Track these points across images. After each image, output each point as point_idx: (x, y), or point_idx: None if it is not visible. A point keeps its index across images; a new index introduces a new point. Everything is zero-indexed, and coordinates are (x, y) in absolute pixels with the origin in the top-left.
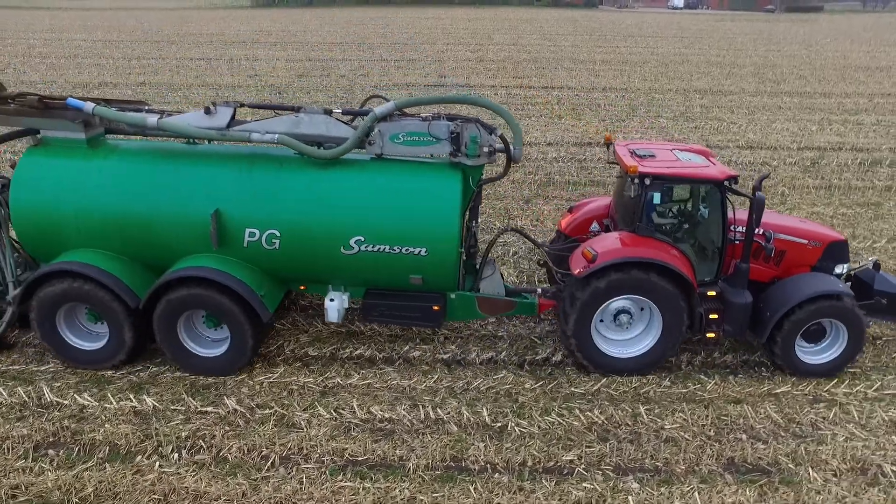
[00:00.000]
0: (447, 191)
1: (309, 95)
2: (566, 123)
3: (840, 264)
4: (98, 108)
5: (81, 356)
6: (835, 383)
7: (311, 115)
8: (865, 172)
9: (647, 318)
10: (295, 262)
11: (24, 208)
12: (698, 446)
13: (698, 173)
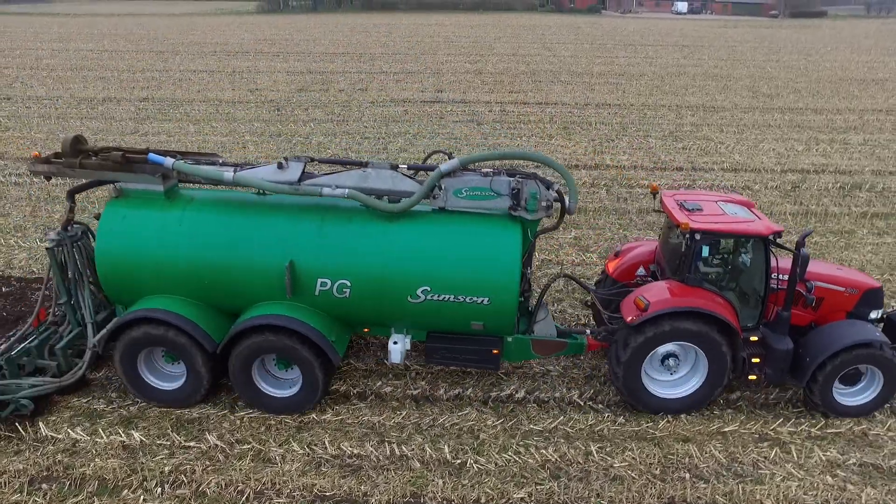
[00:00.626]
0: (508, 244)
1: (307, 112)
2: (556, 143)
3: (875, 310)
4: (177, 164)
5: (160, 395)
6: (781, 422)
7: (378, 169)
8: (844, 197)
9: (693, 361)
10: (364, 309)
11: (108, 256)
12: (643, 485)
13: (746, 229)
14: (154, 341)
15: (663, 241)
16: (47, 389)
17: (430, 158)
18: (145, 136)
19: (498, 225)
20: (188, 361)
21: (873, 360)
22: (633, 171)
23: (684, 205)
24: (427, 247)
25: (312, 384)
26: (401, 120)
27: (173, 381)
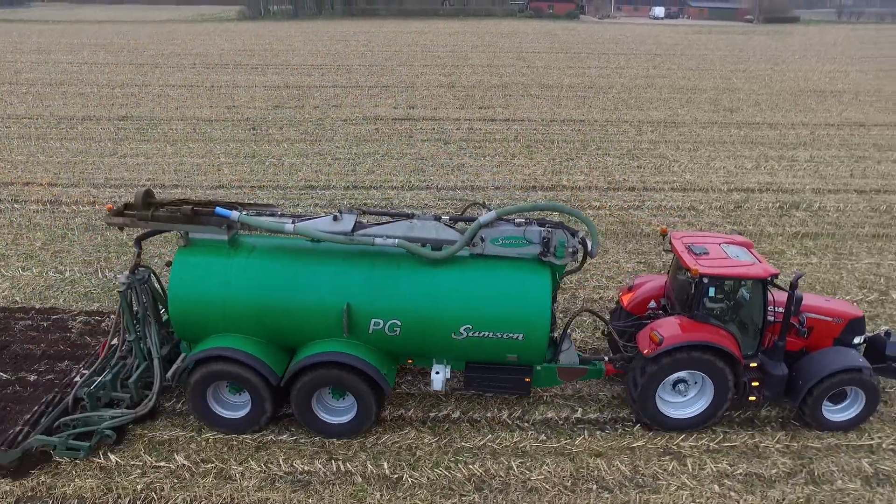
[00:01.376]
0: (540, 286)
1: (281, 132)
2: (518, 163)
3: (858, 336)
4: (242, 217)
5: (226, 423)
6: (684, 437)
7: (423, 220)
8: (781, 217)
9: (701, 386)
10: (412, 344)
11: (180, 300)
12: (555, 495)
13: (747, 273)
14: (225, 376)
15: (672, 277)
16: (126, 420)
17: (469, 210)
18: (123, 158)
19: (531, 269)
20: (253, 393)
21: (857, 382)
22: (586, 192)
23: (692, 248)
24: (469, 290)
25: (366, 412)
26: (371, 139)
27: (238, 410)
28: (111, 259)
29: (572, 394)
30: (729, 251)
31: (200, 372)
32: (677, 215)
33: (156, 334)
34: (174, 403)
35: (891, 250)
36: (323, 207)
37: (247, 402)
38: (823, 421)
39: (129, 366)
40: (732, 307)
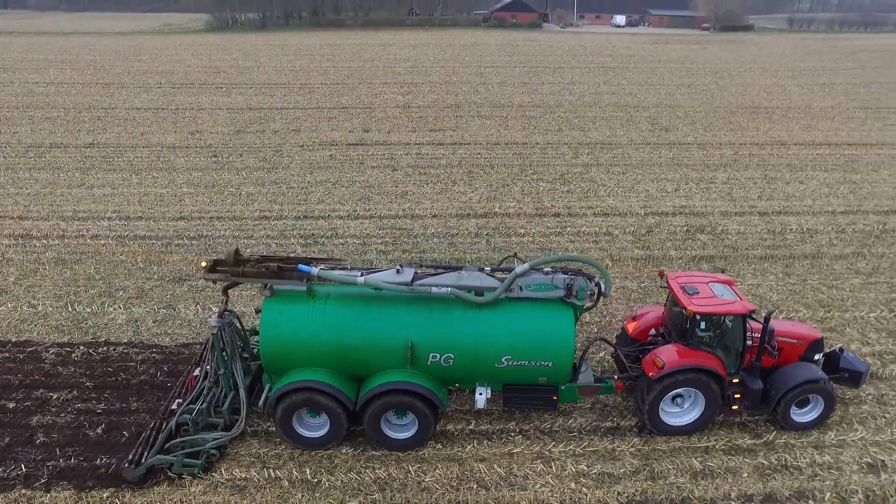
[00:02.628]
0: (566, 324)
1: (241, 159)
2: (457, 190)
3: (818, 353)
4: (321, 272)
5: (307, 442)
6: (555, 444)
7: (469, 271)
8: (686, 241)
9: (694, 399)
10: (462, 372)
11: (269, 341)
12: (442, 493)
13: (731, 310)
14: (309, 402)
15: (668, 309)
16: (225, 440)
17: (507, 261)
18: (91, 189)
19: (558, 310)
20: (332, 416)
21: (817, 391)
22: (515, 220)
23: (686, 288)
24: (509, 327)
25: (426, 428)
26: (325, 166)
27: (317, 430)
28: (80, 293)
29: (469, 408)
30: (715, 290)
31: (289, 400)
32: (593, 241)
33: (240, 368)
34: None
35: (773, 271)
36: (274, 238)
37: (325, 423)
38: (792, 423)
39: (217, 395)
40: (718, 335)
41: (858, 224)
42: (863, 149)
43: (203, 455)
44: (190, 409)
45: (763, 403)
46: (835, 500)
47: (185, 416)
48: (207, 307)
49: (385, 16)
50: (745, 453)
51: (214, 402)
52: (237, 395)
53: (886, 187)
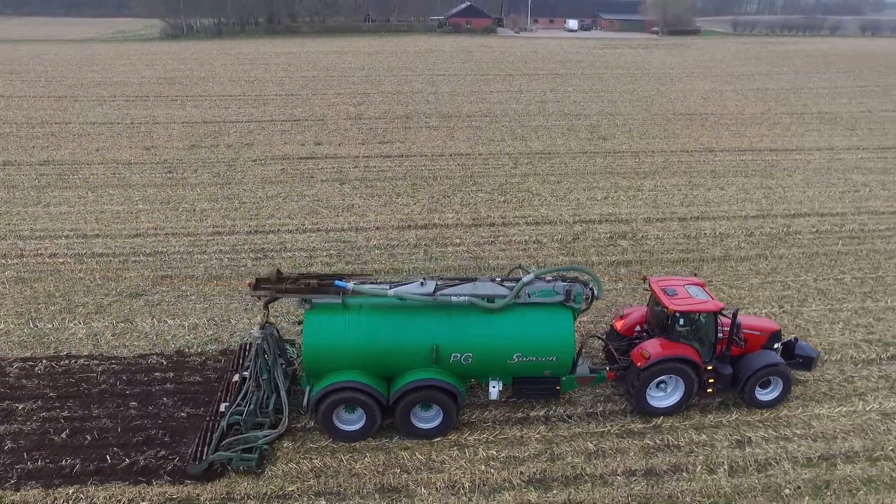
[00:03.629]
0: (566, 324)
1: (196, 174)
2: (401, 203)
3: (777, 343)
4: (356, 287)
5: (345, 435)
6: (470, 432)
7: (482, 282)
8: (607, 248)
9: (675, 384)
10: (479, 369)
11: (311, 348)
12: (370, 477)
13: (705, 308)
14: (348, 400)
15: (651, 308)
16: (273, 437)
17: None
18: (47, 207)
19: (559, 313)
20: (368, 411)
21: (777, 373)
22: (452, 230)
23: (666, 290)
24: (518, 329)
25: (450, 418)
26: (276, 181)
27: (353, 424)
28: (41, 309)
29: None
30: (691, 291)
31: (330, 399)
32: (522, 249)
33: (281, 372)
34: None
35: (682, 273)
36: (226, 253)
37: (360, 417)
38: (756, 401)
39: (260, 397)
40: (694, 330)
41: (766, 227)
42: (783, 154)
43: (257, 450)
44: (238, 410)
45: (732, 385)
46: (704, 471)
47: (236, 416)
48: (163, 320)
49: (341, 22)
50: (634, 436)
51: (259, 403)
52: (279, 396)
53: (797, 192)
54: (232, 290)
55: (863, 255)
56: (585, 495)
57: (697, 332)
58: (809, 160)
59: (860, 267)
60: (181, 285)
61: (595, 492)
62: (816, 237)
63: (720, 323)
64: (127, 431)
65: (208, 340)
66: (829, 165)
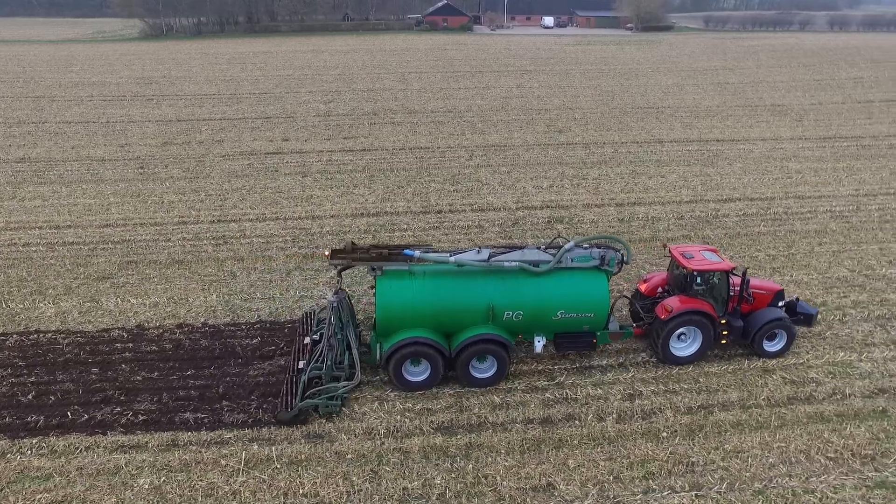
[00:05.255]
0: (602, 285)
1: (167, 169)
2: (357, 193)
3: (781, 301)
4: (422, 255)
5: (414, 385)
6: (392, 390)
7: (529, 249)
8: (544, 230)
9: (694, 335)
10: (528, 325)
11: (384, 310)
12: (296, 427)
13: (718, 267)
14: (416, 353)
15: (671, 272)
16: (351, 387)
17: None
18: (22, 201)
19: (596, 275)
20: (432, 363)
21: (781, 327)
22: (402, 217)
23: (684, 254)
24: (561, 290)
25: (503, 368)
26: (243, 174)
27: (418, 376)
28: (13, 293)
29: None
30: (706, 255)
31: (401, 353)
32: (464, 233)
33: (353, 332)
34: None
35: None
36: (189, 240)
37: (425, 370)
38: (764, 352)
39: (335, 355)
40: (709, 288)
41: (696, 211)
42: (728, 144)
43: (338, 398)
44: (317, 367)
45: (743, 337)
46: (594, 420)
47: (315, 370)
48: (126, 299)
49: (320, 21)
50: (538, 391)
51: (334, 360)
52: (351, 354)
53: (733, 179)
54: (192, 273)
55: (780, 235)
56: (485, 440)
57: (712, 289)
58: (752, 149)
59: (775, 245)
60: (146, 269)
61: (494, 437)
62: (741, 219)
63: (732, 282)
64: (87, 393)
65: (167, 316)
66: (769, 154)
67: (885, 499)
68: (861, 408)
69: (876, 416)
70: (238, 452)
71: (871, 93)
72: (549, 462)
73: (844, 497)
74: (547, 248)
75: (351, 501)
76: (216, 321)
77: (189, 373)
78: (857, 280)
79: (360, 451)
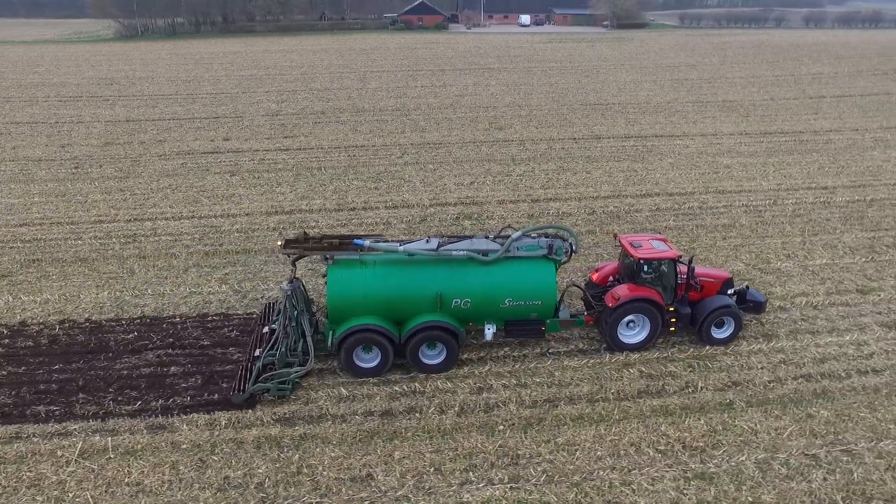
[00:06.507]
0: (549, 273)
1: (100, 169)
2: (279, 191)
3: (730, 289)
4: (371, 244)
5: (364, 372)
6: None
7: (478, 239)
8: (450, 226)
9: (643, 323)
10: (476, 313)
11: (335, 298)
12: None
13: (664, 255)
14: (366, 340)
15: (620, 262)
16: (303, 372)
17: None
18: None
19: (543, 264)
20: (382, 350)
21: (729, 314)
22: (315, 214)
23: (633, 244)
24: (509, 278)
25: (452, 355)
26: (172, 174)
27: (369, 362)
28: None
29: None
30: (654, 244)
31: (351, 339)
32: (370, 230)
33: (307, 320)
34: None
35: None
36: (100, 239)
37: (376, 356)
38: (712, 339)
39: (289, 342)
40: (657, 276)
41: (610, 207)
42: (666, 140)
43: (290, 383)
44: (271, 353)
45: (691, 324)
46: (436, 412)
47: (270, 357)
48: (18, 297)
49: (297, 21)
50: (389, 384)
51: (289, 347)
52: (305, 341)
53: (658, 174)
54: (92, 270)
55: (688, 230)
56: (321, 431)
57: (661, 278)
58: (689, 145)
59: (679, 240)
60: (47, 267)
61: (331, 428)
62: (652, 214)
63: (679, 270)
64: None
65: (53, 312)
66: (704, 150)
67: (698, 489)
68: (708, 401)
69: (721, 408)
70: (76, 444)
71: (826, 89)
72: (376, 454)
73: (659, 489)
74: (496, 238)
75: (171, 490)
76: (100, 317)
77: (56, 367)
78: (749, 274)
79: (195, 442)
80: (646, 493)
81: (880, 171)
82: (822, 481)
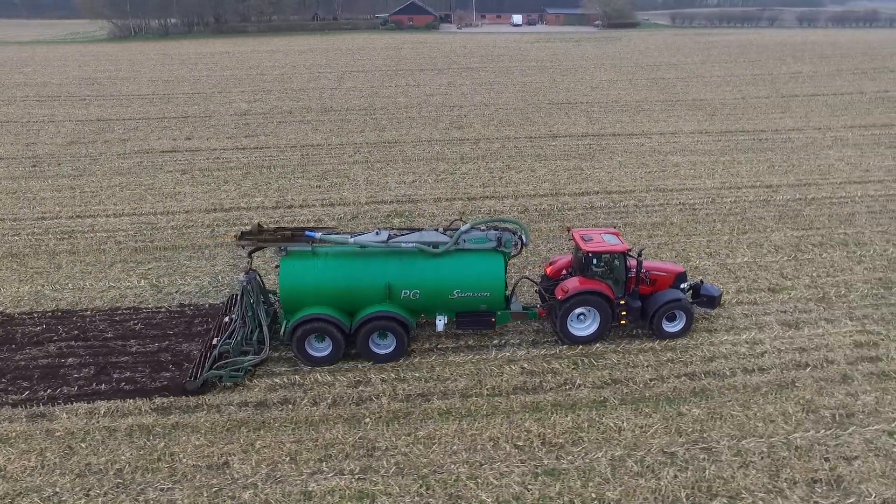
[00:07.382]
0: (497, 265)
1: (58, 167)
2: (224, 189)
3: (684, 283)
4: (322, 236)
5: (317, 360)
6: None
7: (428, 231)
8: (379, 223)
9: (593, 316)
10: (426, 304)
11: (288, 289)
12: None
13: (614, 249)
14: (318, 329)
15: (574, 255)
16: (257, 360)
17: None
18: None
19: (492, 256)
20: (334, 339)
21: (680, 308)
22: (253, 212)
23: (584, 237)
24: (458, 269)
25: (402, 345)
26: (127, 173)
27: (322, 351)
28: None
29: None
30: (605, 238)
31: (303, 329)
32: (304, 225)
33: (263, 310)
34: None
35: None
36: (37, 235)
37: (328, 346)
38: (664, 333)
39: (245, 331)
40: (608, 270)
41: (544, 204)
42: (623, 139)
43: (243, 370)
44: (227, 342)
45: (642, 318)
46: (308, 404)
47: (226, 346)
48: None
49: (290, 21)
50: (271, 376)
51: (245, 336)
52: (261, 330)
53: (604, 172)
54: (20, 266)
55: (618, 227)
56: (194, 420)
57: (611, 271)
58: (644, 143)
59: None
60: None
61: (202, 418)
62: (585, 212)
63: (629, 264)
64: None
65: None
66: (658, 148)
67: (544, 485)
68: (583, 398)
69: (592, 406)
70: None
71: (802, 87)
72: (238, 442)
73: (504, 483)
74: (446, 231)
75: (31, 476)
76: (13, 310)
77: None
78: None
79: (69, 429)
80: (489, 488)
81: (830, 170)
82: (671, 479)
